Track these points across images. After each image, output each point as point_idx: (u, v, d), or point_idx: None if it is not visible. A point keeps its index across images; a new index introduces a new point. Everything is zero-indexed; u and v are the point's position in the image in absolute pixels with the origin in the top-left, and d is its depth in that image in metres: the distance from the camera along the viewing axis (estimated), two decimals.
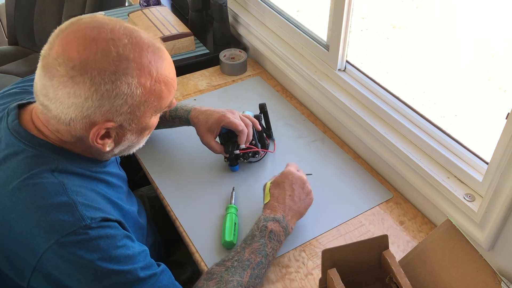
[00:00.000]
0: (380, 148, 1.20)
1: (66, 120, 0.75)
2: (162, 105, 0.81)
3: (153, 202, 1.29)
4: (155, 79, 0.77)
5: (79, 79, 0.71)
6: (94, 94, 0.72)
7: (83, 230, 0.73)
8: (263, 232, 0.95)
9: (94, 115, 0.74)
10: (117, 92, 0.73)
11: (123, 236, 0.78)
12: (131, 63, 0.73)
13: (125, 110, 0.76)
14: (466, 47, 3.35)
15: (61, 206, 0.74)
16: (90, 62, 0.71)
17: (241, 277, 0.87)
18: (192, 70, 1.63)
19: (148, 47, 0.76)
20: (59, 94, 0.72)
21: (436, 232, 0.88)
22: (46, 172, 0.77)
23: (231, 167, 1.23)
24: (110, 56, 0.72)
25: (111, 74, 0.72)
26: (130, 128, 0.80)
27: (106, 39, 0.72)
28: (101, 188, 0.85)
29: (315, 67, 1.41)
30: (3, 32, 2.50)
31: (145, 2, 1.95)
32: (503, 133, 0.88)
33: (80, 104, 0.73)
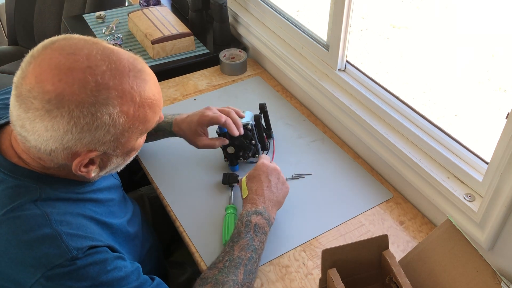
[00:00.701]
0: (380, 148, 1.20)
1: (47, 151, 0.71)
2: (148, 127, 0.78)
3: (153, 202, 1.30)
4: (138, 104, 0.72)
5: (56, 113, 0.67)
6: (74, 128, 0.68)
7: (70, 262, 0.70)
8: (248, 227, 0.95)
9: (76, 147, 0.71)
10: (98, 124, 0.69)
11: (113, 259, 0.76)
12: (111, 91, 0.69)
13: (108, 139, 0.72)
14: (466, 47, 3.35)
15: (45, 239, 0.70)
16: (66, 95, 0.66)
17: (235, 276, 0.87)
18: (192, 70, 1.63)
19: (129, 71, 0.71)
20: (36, 127, 0.68)
21: (436, 232, 0.88)
22: (28, 203, 0.73)
23: (231, 167, 1.23)
24: (88, 87, 0.67)
25: (90, 106, 0.67)
26: (115, 154, 0.76)
27: (82, 68, 0.67)
28: (88, 208, 0.81)
29: (315, 67, 1.41)
30: (3, 32, 2.50)
31: (145, 2, 1.95)
32: (503, 133, 0.88)
33: (59, 137, 0.69)
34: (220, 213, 1.12)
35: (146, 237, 1.04)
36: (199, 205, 1.15)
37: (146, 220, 1.14)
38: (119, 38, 1.72)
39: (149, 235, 1.08)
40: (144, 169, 1.26)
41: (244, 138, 1.19)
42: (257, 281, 0.99)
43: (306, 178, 1.22)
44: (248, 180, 1.05)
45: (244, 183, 1.05)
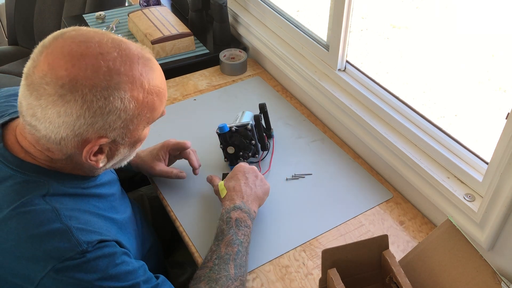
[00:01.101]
0: (380, 148, 1.20)
1: (57, 139, 0.72)
2: (154, 116, 0.80)
3: (152, 202, 1.29)
4: (147, 91, 0.75)
5: (69, 98, 0.68)
6: (87, 112, 0.69)
7: (80, 255, 0.71)
8: (229, 223, 0.96)
9: (87, 133, 0.72)
10: (110, 108, 0.71)
11: (121, 254, 0.77)
12: (122, 77, 0.71)
13: (118, 125, 0.74)
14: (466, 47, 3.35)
15: (55, 233, 0.71)
16: (80, 79, 0.68)
17: (227, 272, 0.88)
18: (192, 70, 1.63)
19: (139, 59, 0.74)
20: (48, 113, 0.69)
21: (436, 232, 0.88)
22: (37, 199, 0.74)
23: (231, 166, 1.23)
24: (101, 71, 0.69)
25: (103, 90, 0.69)
26: (123, 142, 0.78)
27: (94, 54, 0.69)
28: (94, 204, 0.83)
29: (315, 67, 1.41)
30: (3, 32, 2.50)
31: (145, 2, 1.95)
32: (503, 133, 0.88)
33: (71, 122, 0.70)
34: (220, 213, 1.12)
35: (146, 236, 1.04)
36: (199, 205, 1.15)
37: (146, 220, 1.14)
38: None
39: (149, 234, 1.08)
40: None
41: (244, 138, 1.19)
42: (257, 281, 0.99)
43: (306, 178, 1.22)
44: (226, 180, 1.07)
45: (222, 185, 1.06)
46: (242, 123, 1.20)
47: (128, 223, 0.92)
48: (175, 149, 1.16)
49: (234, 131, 1.19)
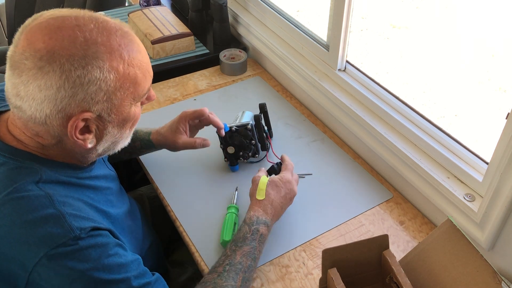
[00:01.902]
0: (380, 148, 1.20)
1: (42, 118, 0.72)
2: (139, 91, 0.78)
3: (152, 201, 1.30)
4: (127, 62, 0.74)
5: (48, 69, 0.69)
6: (66, 82, 0.69)
7: (73, 241, 0.71)
8: (254, 235, 0.94)
9: (69, 107, 0.71)
10: (89, 78, 0.71)
11: (114, 245, 0.77)
12: (100, 46, 0.71)
13: (101, 98, 0.73)
14: (466, 47, 3.35)
15: (49, 219, 0.71)
16: (57, 49, 0.69)
17: (234, 282, 0.87)
18: (192, 70, 1.63)
19: (116, 31, 0.74)
20: (30, 89, 0.70)
21: (436, 232, 0.88)
22: (30, 184, 0.74)
23: (231, 166, 1.23)
24: (77, 41, 0.70)
25: (81, 59, 0.70)
26: (110, 119, 0.77)
27: (71, 26, 0.70)
28: (87, 195, 0.82)
29: (315, 67, 1.41)
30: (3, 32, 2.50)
31: (145, 2, 1.95)
32: (503, 133, 0.88)
33: (53, 96, 0.70)
34: (220, 213, 1.12)
35: (146, 234, 1.04)
36: (199, 205, 1.15)
37: (146, 219, 1.14)
38: None
39: (149, 232, 1.08)
40: (144, 169, 1.26)
41: (244, 138, 1.19)
42: (257, 281, 0.99)
43: (306, 178, 1.22)
44: (270, 185, 1.02)
45: (265, 185, 1.02)
46: (242, 123, 1.20)
47: (124, 218, 0.92)
48: (194, 118, 1.14)
49: (234, 131, 1.19)
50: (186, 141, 1.13)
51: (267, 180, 1.03)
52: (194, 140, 1.13)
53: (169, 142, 1.14)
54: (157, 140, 1.15)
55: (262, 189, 1.01)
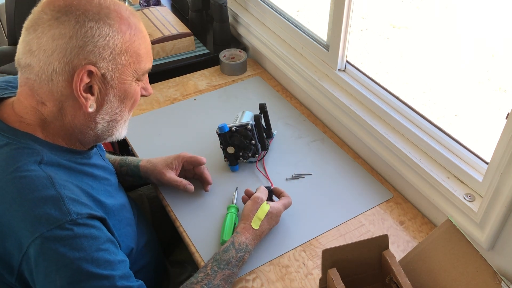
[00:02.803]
0: (380, 148, 1.20)
1: (49, 73, 0.75)
2: (140, 66, 0.83)
3: (152, 201, 1.29)
4: (134, 31, 0.80)
5: (64, 19, 0.74)
6: (78, 31, 0.74)
7: (69, 225, 0.72)
8: (239, 261, 0.95)
9: (77, 59, 0.75)
10: (100, 32, 0.75)
11: (107, 240, 0.78)
12: (112, 12, 0.78)
13: (107, 55, 0.77)
14: (466, 47, 3.35)
15: (48, 200, 0.73)
16: (75, 4, 0.75)
17: None
18: (192, 70, 1.63)
19: (127, 9, 0.81)
20: (43, 41, 0.74)
21: (436, 232, 0.88)
22: (32, 165, 0.76)
23: (231, 167, 1.23)
24: (93, 3, 0.76)
25: (94, 14, 0.75)
26: (112, 84, 0.80)
27: None
28: (86, 182, 0.84)
29: (315, 67, 1.41)
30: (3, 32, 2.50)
31: (145, 2, 1.95)
32: (503, 133, 0.88)
33: (64, 45, 0.74)
34: (220, 213, 1.12)
35: (144, 230, 1.04)
36: (199, 205, 1.15)
37: (144, 216, 1.14)
38: None
39: (146, 230, 1.08)
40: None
41: (244, 138, 1.19)
42: (257, 281, 0.99)
43: (306, 178, 1.22)
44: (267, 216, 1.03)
45: (264, 215, 1.02)
46: (242, 123, 1.20)
47: (121, 209, 0.92)
48: (189, 162, 1.16)
49: (234, 131, 1.19)
50: (172, 178, 1.13)
51: (267, 209, 1.03)
52: (180, 180, 1.13)
53: (156, 172, 1.13)
54: (145, 168, 1.15)
55: (260, 218, 1.02)
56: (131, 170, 1.15)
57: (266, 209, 1.02)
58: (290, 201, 1.09)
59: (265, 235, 1.05)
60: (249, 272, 1.01)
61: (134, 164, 1.15)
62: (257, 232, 1.01)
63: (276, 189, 1.12)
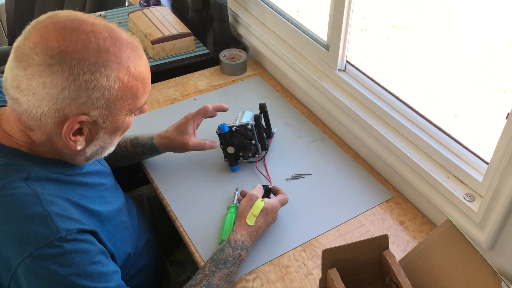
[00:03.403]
0: (380, 148, 1.20)
1: (38, 114, 0.72)
2: (136, 104, 0.80)
3: (152, 201, 1.29)
4: (132, 75, 0.76)
5: (57, 68, 0.69)
6: (72, 84, 0.70)
7: (58, 242, 0.71)
8: (237, 259, 0.95)
9: (69, 108, 0.72)
10: (95, 84, 0.72)
11: (98, 252, 0.77)
12: (111, 56, 0.73)
13: (101, 104, 0.74)
14: (466, 47, 3.34)
15: (35, 218, 0.71)
16: (70, 51, 0.69)
17: None
18: (192, 70, 1.63)
19: (128, 44, 0.76)
20: (33, 84, 0.70)
21: (436, 232, 0.88)
22: (19, 181, 0.74)
23: (231, 167, 1.23)
24: (91, 47, 0.71)
25: (91, 65, 0.71)
26: (104, 126, 0.78)
27: (86, 31, 0.71)
28: (78, 192, 0.82)
29: (315, 67, 1.41)
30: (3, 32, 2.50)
31: (145, 2, 1.95)
32: (503, 133, 0.88)
33: (55, 95, 0.70)
34: (220, 213, 1.12)
35: (142, 230, 1.04)
36: (199, 205, 1.15)
37: (144, 216, 1.14)
38: None
39: (146, 229, 1.08)
40: (144, 169, 1.26)
41: (244, 138, 1.19)
42: (257, 281, 0.99)
43: (306, 178, 1.22)
44: (262, 211, 1.02)
45: (259, 211, 1.02)
46: (242, 123, 1.20)
47: (117, 214, 0.91)
48: (201, 117, 1.16)
49: (234, 131, 1.19)
50: (196, 143, 1.15)
51: (262, 206, 1.03)
52: (204, 142, 1.16)
53: (177, 145, 1.15)
54: (162, 144, 1.16)
55: (255, 215, 1.01)
56: (148, 149, 1.17)
57: (260, 206, 1.02)
58: (286, 198, 1.08)
59: (263, 232, 1.04)
60: (249, 272, 1.01)
61: (149, 143, 1.16)
62: (252, 228, 1.00)
63: (275, 187, 1.12)
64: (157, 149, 1.17)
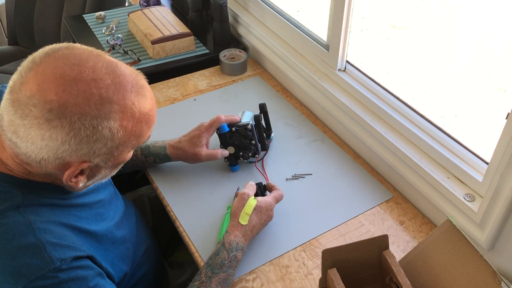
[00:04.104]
0: (380, 148, 1.20)
1: (37, 159, 0.70)
2: (140, 142, 0.77)
3: (152, 202, 1.29)
4: (137, 119, 0.73)
5: (56, 123, 0.65)
6: (72, 139, 0.67)
7: (52, 273, 0.69)
8: (232, 262, 0.94)
9: (70, 158, 0.69)
10: (98, 137, 0.69)
11: (94, 275, 0.75)
12: (114, 106, 0.69)
13: (103, 152, 0.72)
14: (466, 47, 3.34)
15: (28, 249, 0.69)
16: (70, 106, 0.65)
17: None
18: (192, 70, 1.63)
19: (132, 87, 0.71)
20: (31, 134, 0.66)
21: (436, 232, 0.88)
22: (10, 210, 0.71)
23: (231, 167, 1.23)
24: (92, 100, 0.66)
25: (93, 119, 0.67)
26: (105, 166, 0.76)
27: (87, 81, 0.67)
28: (73, 214, 0.80)
29: (315, 67, 1.41)
30: (3, 32, 2.50)
31: (145, 2, 1.95)
32: (503, 133, 0.88)
33: (55, 147, 0.67)
34: (220, 213, 1.12)
35: (141, 239, 1.03)
36: (199, 205, 1.15)
37: (144, 220, 1.14)
38: (119, 38, 1.72)
39: (145, 236, 1.07)
40: (144, 169, 1.26)
41: (244, 138, 1.19)
42: (257, 281, 0.99)
43: (306, 178, 1.22)
44: (255, 210, 1.01)
45: (252, 208, 1.00)
46: (242, 123, 1.20)
47: (116, 229, 0.90)
48: (214, 128, 1.16)
49: (234, 131, 1.19)
50: (209, 153, 1.15)
51: (254, 204, 1.01)
52: (216, 152, 1.16)
53: (190, 156, 1.15)
54: (175, 154, 1.16)
55: (247, 213, 1.00)
56: (160, 159, 1.18)
57: (253, 204, 1.01)
58: (281, 194, 1.08)
59: (258, 231, 1.03)
60: (249, 272, 1.01)
61: (162, 152, 1.16)
62: (246, 228, 0.98)
63: (269, 184, 1.11)
64: (169, 159, 1.17)
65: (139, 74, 0.76)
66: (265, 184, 1.12)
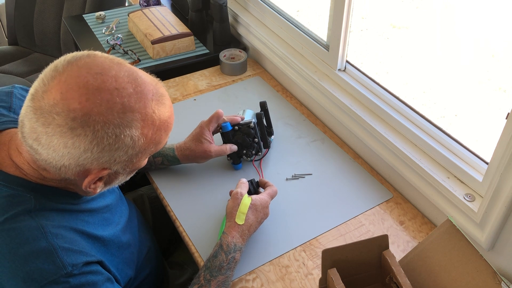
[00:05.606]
0: (380, 148, 1.20)
1: (57, 166, 0.70)
2: (158, 148, 0.78)
3: (153, 202, 1.29)
4: (157, 127, 0.74)
5: (80, 132, 0.66)
6: (95, 147, 0.68)
7: (64, 278, 0.69)
8: (231, 263, 0.94)
9: (91, 165, 0.70)
10: (119, 145, 0.70)
11: (104, 280, 0.76)
12: (136, 114, 0.70)
13: (123, 160, 0.73)
14: (466, 47, 3.34)
15: (40, 253, 0.69)
16: (93, 115, 0.66)
17: None
18: (192, 70, 1.63)
19: (153, 95, 0.73)
20: (53, 142, 0.67)
21: (436, 232, 0.88)
22: (22, 214, 0.71)
23: (234, 165, 1.23)
24: (115, 108, 0.67)
25: (115, 128, 0.68)
26: (123, 172, 0.77)
27: (110, 89, 0.67)
28: (81, 219, 0.80)
29: (315, 67, 1.41)
30: (3, 32, 2.50)
31: (145, 2, 1.95)
32: (503, 133, 0.88)
33: (77, 154, 0.68)
34: (221, 213, 1.12)
35: (143, 241, 1.03)
36: (200, 204, 1.15)
37: (145, 222, 1.13)
38: (119, 38, 1.72)
39: (147, 238, 1.07)
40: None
41: (247, 136, 1.19)
42: (257, 281, 0.99)
43: (306, 178, 1.22)
44: (250, 208, 1.00)
45: (247, 208, 1.00)
46: (245, 121, 1.20)
47: (121, 234, 0.90)
48: (214, 123, 1.15)
49: (237, 130, 1.19)
50: (218, 149, 1.15)
51: (249, 203, 1.00)
52: (225, 147, 1.16)
53: (198, 154, 1.14)
54: (184, 156, 1.16)
55: (243, 213, 0.99)
56: (169, 160, 1.18)
57: (247, 202, 1.00)
58: (274, 189, 1.07)
59: (255, 229, 1.02)
60: (249, 272, 1.01)
61: (170, 154, 1.16)
62: (243, 227, 0.98)
63: (262, 180, 1.11)
64: (178, 161, 1.17)
65: (159, 82, 0.77)
66: (258, 181, 1.12)
